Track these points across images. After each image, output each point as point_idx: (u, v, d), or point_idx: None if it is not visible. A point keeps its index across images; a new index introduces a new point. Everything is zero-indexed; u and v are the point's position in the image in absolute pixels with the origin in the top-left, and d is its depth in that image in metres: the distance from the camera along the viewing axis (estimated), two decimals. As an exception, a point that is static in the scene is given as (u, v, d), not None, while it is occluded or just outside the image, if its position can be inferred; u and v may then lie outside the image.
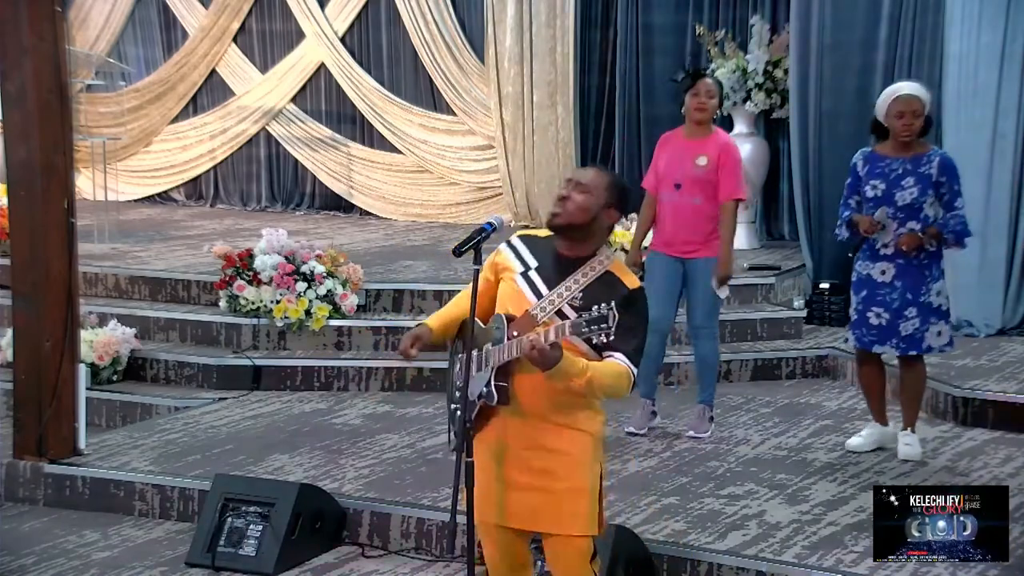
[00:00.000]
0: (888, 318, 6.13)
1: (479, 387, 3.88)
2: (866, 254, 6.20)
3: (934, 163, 6.05)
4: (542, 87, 10.95)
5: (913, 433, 6.32)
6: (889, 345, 6.18)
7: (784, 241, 10.27)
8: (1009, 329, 8.31)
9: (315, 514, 5.61)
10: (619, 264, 3.95)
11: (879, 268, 6.14)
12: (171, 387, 7.91)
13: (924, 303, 6.09)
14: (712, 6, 10.47)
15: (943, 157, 6.11)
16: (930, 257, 6.10)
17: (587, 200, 3.87)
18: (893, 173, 6.07)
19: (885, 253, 6.12)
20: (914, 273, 6.09)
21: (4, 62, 6.20)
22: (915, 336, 6.13)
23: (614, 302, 3.59)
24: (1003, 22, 8.16)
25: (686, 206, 6.55)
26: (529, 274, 3.93)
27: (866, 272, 6.19)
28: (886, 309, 6.13)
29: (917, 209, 6.04)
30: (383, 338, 8.13)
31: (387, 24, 12.07)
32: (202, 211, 12.72)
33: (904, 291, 6.09)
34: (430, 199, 11.97)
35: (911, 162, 6.06)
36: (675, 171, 6.59)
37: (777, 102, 9.90)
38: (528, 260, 3.95)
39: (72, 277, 6.31)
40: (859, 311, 6.23)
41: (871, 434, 6.44)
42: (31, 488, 6.40)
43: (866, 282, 6.19)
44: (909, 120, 6.02)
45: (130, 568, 5.57)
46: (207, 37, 12.78)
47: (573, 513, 3.90)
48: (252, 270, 8.12)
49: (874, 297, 6.15)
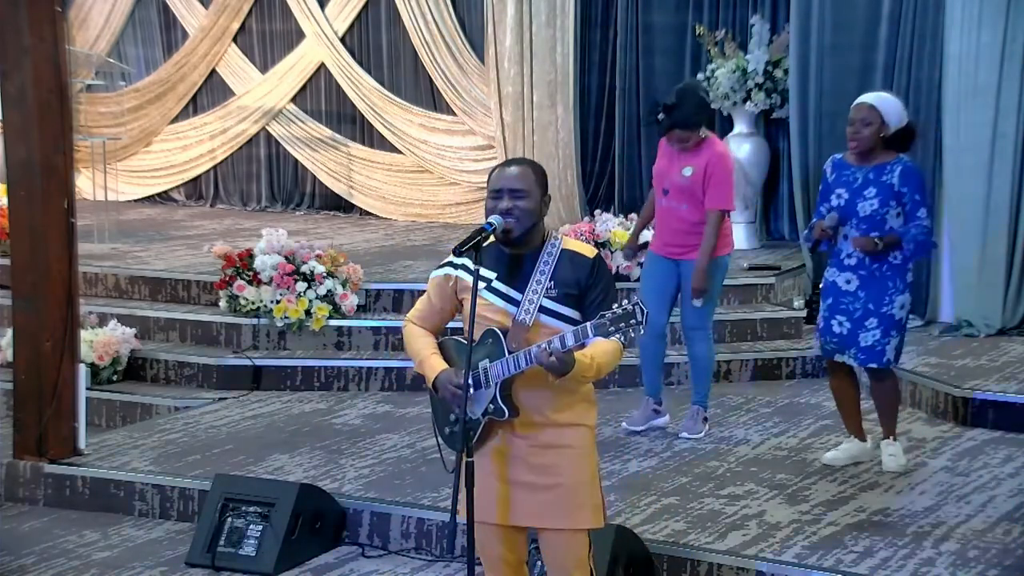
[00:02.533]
0: (850, 327, 5.98)
1: (483, 405, 3.88)
2: (833, 261, 6.08)
3: (895, 172, 5.85)
4: (542, 87, 10.94)
5: (895, 442, 6.20)
6: (848, 355, 6.02)
7: (784, 241, 10.26)
8: (1009, 329, 8.31)
9: (315, 514, 5.61)
10: (567, 239, 3.98)
11: (844, 277, 5.98)
12: (171, 387, 7.91)
13: (886, 314, 5.92)
14: (712, 6, 10.47)
15: (904, 166, 5.85)
16: (893, 269, 5.91)
17: (529, 203, 3.86)
18: (856, 182, 5.92)
19: (849, 263, 5.97)
20: (877, 284, 5.92)
21: (4, 62, 6.20)
22: (875, 348, 5.95)
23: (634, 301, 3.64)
24: (1003, 22, 8.16)
25: (673, 211, 6.58)
26: (493, 286, 3.91)
27: (832, 279, 6.05)
28: (848, 319, 5.98)
29: (880, 220, 5.85)
30: (383, 338, 8.13)
31: (387, 24, 12.06)
32: (202, 211, 12.71)
33: (867, 301, 5.93)
34: (430, 199, 11.97)
35: (873, 171, 5.89)
36: (663, 177, 6.62)
37: (777, 102, 9.89)
38: (485, 274, 3.89)
39: (72, 277, 6.31)
40: (824, 318, 6.08)
41: (847, 448, 6.28)
42: (31, 488, 6.40)
43: (831, 290, 6.04)
44: (856, 128, 5.87)
45: (130, 568, 5.57)
46: (207, 37, 12.77)
47: (580, 506, 3.92)
48: (252, 270, 8.12)
49: (838, 305, 6.00)
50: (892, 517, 5.52)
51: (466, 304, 3.91)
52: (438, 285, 4.05)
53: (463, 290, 3.96)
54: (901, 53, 8.79)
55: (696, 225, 6.51)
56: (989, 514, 5.56)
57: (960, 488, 5.90)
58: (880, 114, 5.85)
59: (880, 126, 5.85)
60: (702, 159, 6.48)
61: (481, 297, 3.88)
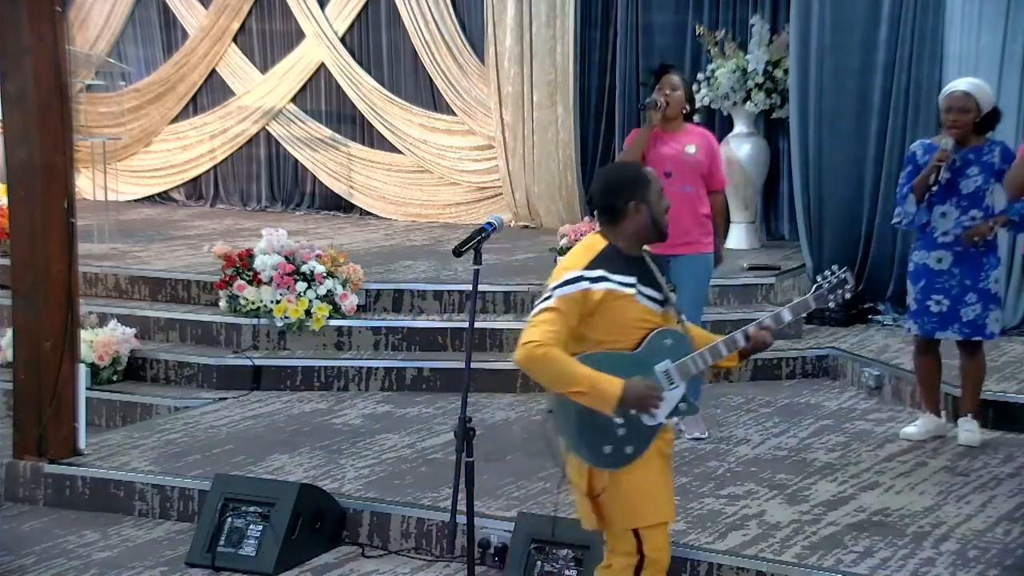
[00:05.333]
0: (949, 304, 6.24)
1: (672, 405, 3.96)
2: (920, 243, 6.32)
3: (996, 152, 6.19)
4: (542, 87, 10.95)
5: (974, 419, 6.45)
6: (951, 331, 6.29)
7: (784, 241, 10.26)
8: (1009, 329, 8.30)
9: (315, 514, 5.61)
10: None
11: (935, 256, 6.25)
12: (171, 387, 7.91)
13: (984, 289, 6.22)
14: (712, 6, 10.47)
15: (1003, 146, 6.26)
16: (987, 243, 6.21)
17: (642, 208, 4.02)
18: (954, 164, 6.17)
19: (943, 241, 6.22)
20: (971, 259, 6.20)
21: (4, 62, 6.20)
22: (977, 322, 6.25)
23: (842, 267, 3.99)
24: (1003, 22, 8.15)
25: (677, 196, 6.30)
26: (640, 289, 3.96)
27: (922, 262, 6.30)
28: (946, 296, 6.24)
29: (980, 197, 6.16)
30: (383, 338, 8.14)
31: (387, 24, 12.07)
32: (202, 211, 12.71)
33: (963, 278, 6.21)
34: (430, 199, 11.97)
35: (973, 152, 6.19)
36: (663, 161, 6.35)
37: (777, 102, 9.89)
38: (628, 280, 3.93)
39: (72, 277, 6.31)
40: (918, 300, 6.33)
41: (925, 423, 6.56)
42: (31, 488, 6.40)
43: (923, 271, 6.30)
44: (954, 116, 6.16)
45: (130, 568, 5.57)
46: (207, 37, 12.78)
47: None
48: (252, 270, 8.12)
49: (933, 285, 6.26)
50: (892, 517, 5.52)
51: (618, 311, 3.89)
52: (576, 303, 3.86)
53: (615, 299, 3.90)
54: (901, 53, 8.78)
55: (698, 210, 6.45)
56: (989, 514, 5.56)
57: (960, 488, 5.90)
58: (976, 101, 6.18)
59: (976, 112, 6.18)
60: (699, 137, 6.52)
61: (637, 302, 3.93)
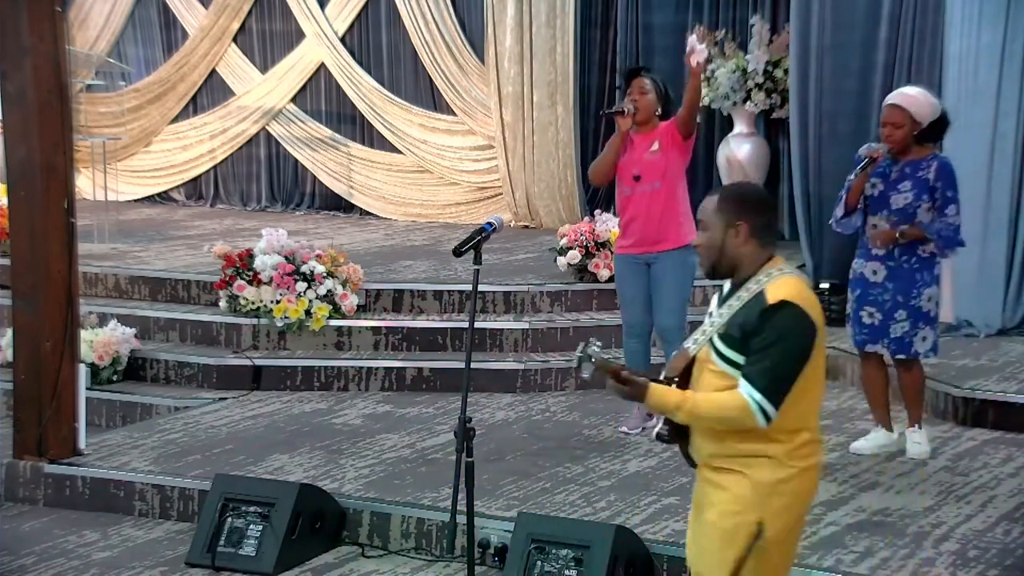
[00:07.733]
0: (880, 318, 6.14)
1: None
2: (860, 251, 6.22)
3: (932, 168, 6.02)
4: (542, 87, 10.95)
5: (920, 430, 6.34)
6: (880, 345, 6.20)
7: (784, 241, 10.24)
8: (1009, 329, 8.30)
9: (315, 514, 5.61)
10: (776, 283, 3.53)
11: (871, 267, 6.15)
12: (171, 387, 7.91)
13: (914, 307, 6.08)
14: (712, 6, 10.47)
15: (941, 162, 6.06)
16: (921, 262, 6.07)
17: (706, 237, 3.64)
18: (891, 175, 6.07)
19: (877, 253, 6.11)
20: (905, 276, 6.07)
21: (4, 62, 6.20)
22: (904, 340, 6.12)
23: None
24: (1003, 22, 8.15)
25: (647, 196, 6.51)
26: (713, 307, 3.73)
27: (860, 271, 6.20)
28: (879, 309, 6.14)
29: (911, 213, 6.01)
30: (383, 338, 8.14)
31: (387, 24, 12.07)
32: (202, 211, 12.71)
33: (895, 293, 6.09)
34: (430, 199, 11.97)
35: (909, 166, 6.05)
36: (630, 167, 6.57)
37: (777, 102, 9.89)
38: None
39: (72, 277, 6.31)
40: (853, 310, 6.26)
41: (876, 438, 6.40)
42: (31, 488, 6.40)
43: (859, 281, 6.20)
44: (888, 130, 6.01)
45: (130, 568, 5.57)
46: (207, 37, 12.78)
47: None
48: (252, 270, 8.12)
49: (867, 296, 6.17)
50: (892, 517, 5.52)
51: None
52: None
53: None
54: (901, 53, 8.77)
55: (669, 206, 6.50)
56: (989, 514, 5.56)
57: (960, 488, 5.90)
58: (910, 115, 5.99)
59: (912, 125, 6.00)
60: (659, 132, 6.57)
61: None
